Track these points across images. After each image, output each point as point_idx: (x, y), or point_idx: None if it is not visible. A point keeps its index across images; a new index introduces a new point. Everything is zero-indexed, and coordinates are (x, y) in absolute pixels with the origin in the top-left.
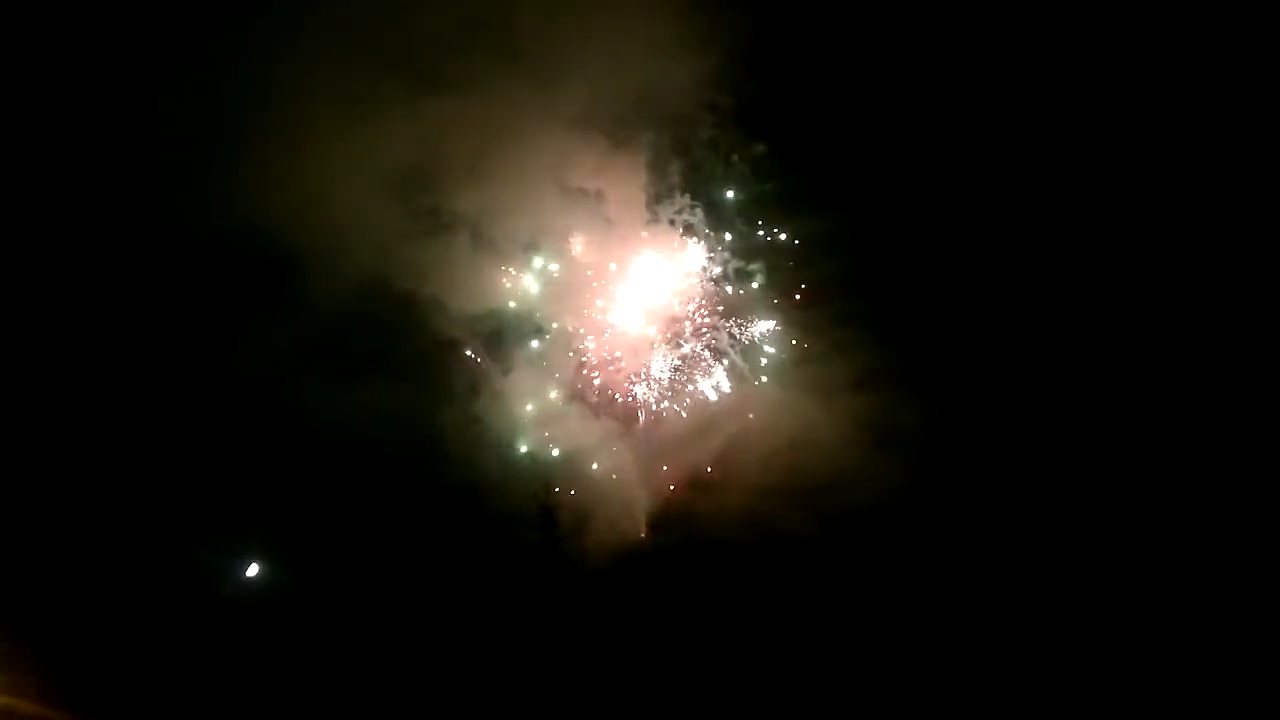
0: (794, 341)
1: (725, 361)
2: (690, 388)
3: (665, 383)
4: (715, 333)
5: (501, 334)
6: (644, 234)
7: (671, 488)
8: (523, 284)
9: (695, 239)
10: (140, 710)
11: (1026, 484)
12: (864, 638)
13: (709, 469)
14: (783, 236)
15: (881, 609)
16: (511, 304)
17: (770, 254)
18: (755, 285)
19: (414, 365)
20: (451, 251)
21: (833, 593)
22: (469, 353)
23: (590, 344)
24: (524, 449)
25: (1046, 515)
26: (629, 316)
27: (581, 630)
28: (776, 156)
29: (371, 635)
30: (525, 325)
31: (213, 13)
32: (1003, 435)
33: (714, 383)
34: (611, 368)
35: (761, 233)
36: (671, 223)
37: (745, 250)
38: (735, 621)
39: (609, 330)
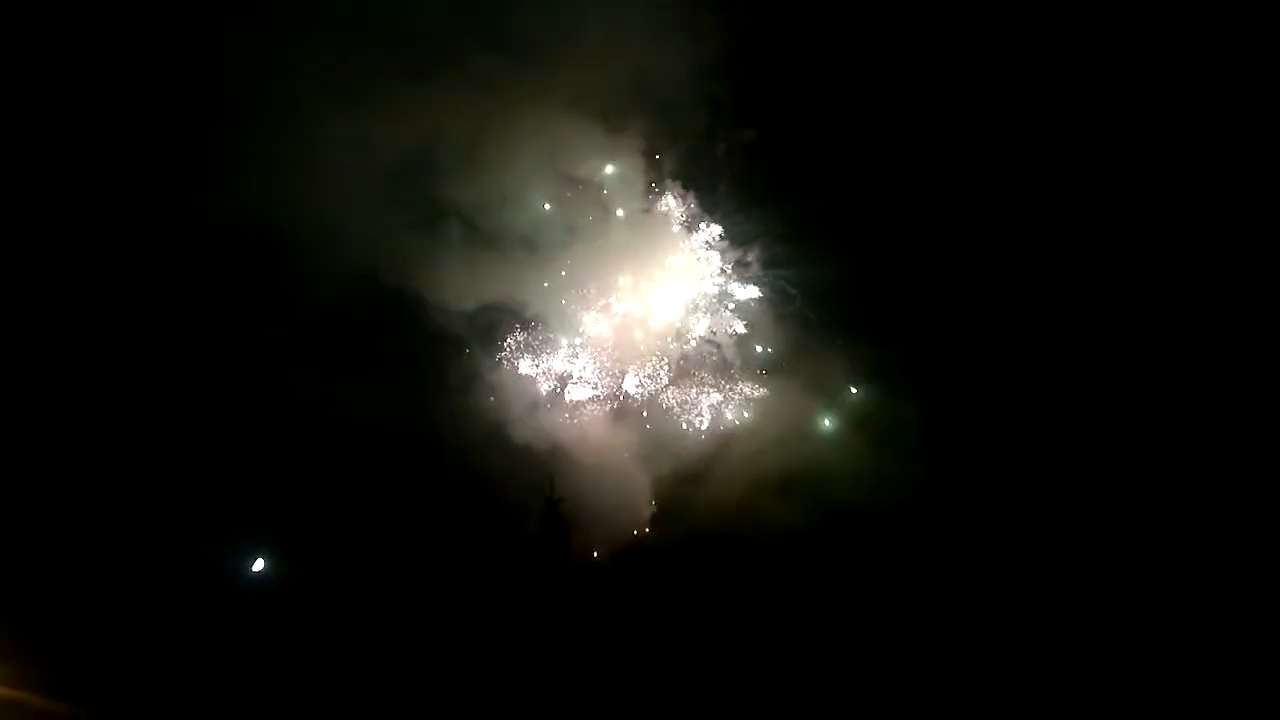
0: (793, 334)
1: (724, 353)
2: (689, 380)
3: (664, 374)
4: (714, 324)
5: (498, 326)
6: (640, 224)
7: (671, 481)
8: (519, 275)
9: (692, 228)
10: (146, 703)
11: (1021, 480)
12: (862, 632)
13: (709, 462)
14: (781, 229)
15: (879, 604)
16: (508, 296)
17: (769, 246)
18: (754, 277)
19: (411, 359)
20: (447, 243)
21: (831, 587)
22: (466, 346)
23: (588, 335)
24: (524, 442)
25: (1041, 511)
26: (627, 307)
27: (585, 622)
28: (774, 147)
29: (376, 629)
30: (522, 317)
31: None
32: (999, 432)
33: (713, 375)
34: (610, 359)
35: (760, 224)
36: (668, 212)
37: (743, 240)
38: (735, 615)
39: (607, 321)
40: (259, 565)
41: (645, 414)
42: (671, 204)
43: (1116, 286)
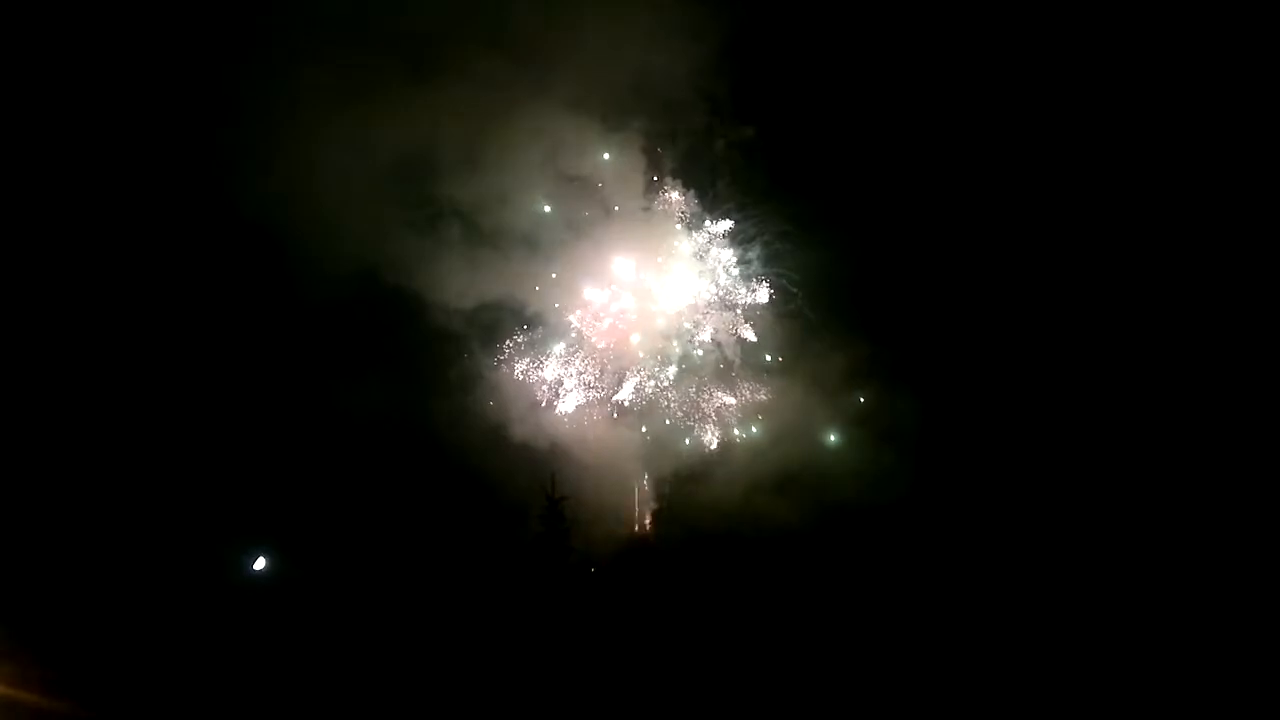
0: (793, 333)
1: (724, 352)
2: (690, 379)
3: (665, 373)
4: (714, 323)
5: (498, 325)
6: (640, 222)
7: (671, 480)
8: (519, 274)
9: (692, 227)
10: (147, 702)
11: (1019, 479)
12: (860, 630)
13: (709, 461)
14: (781, 227)
15: (878, 602)
16: (508, 294)
17: (769, 244)
18: (754, 275)
19: (411, 358)
20: (447, 242)
21: (828, 585)
22: (466, 345)
23: (588, 334)
24: (524, 441)
25: (1036, 510)
26: (626, 306)
27: (586, 621)
28: (774, 144)
29: (377, 628)
30: (522, 316)
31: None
32: (997, 430)
33: (713, 374)
34: (610, 358)
35: (760, 221)
36: (668, 210)
37: (744, 239)
38: (734, 614)
39: (607, 320)
40: (260, 564)
41: (646, 413)
42: (672, 202)
43: (1116, 285)
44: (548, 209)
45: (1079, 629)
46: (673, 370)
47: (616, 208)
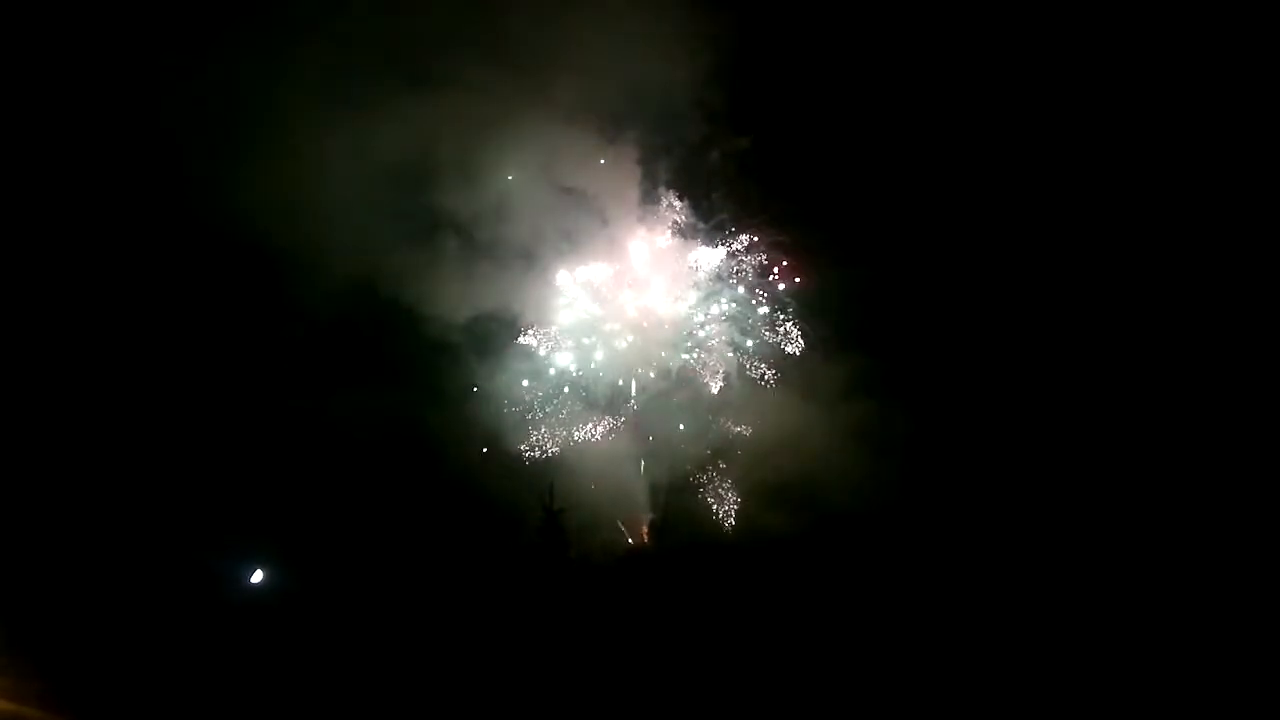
0: (788, 343)
1: (719, 362)
2: (686, 389)
3: (662, 383)
4: (710, 333)
5: (495, 336)
6: (637, 232)
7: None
8: (515, 285)
9: (688, 236)
10: (145, 716)
11: (1008, 488)
12: (854, 637)
13: (705, 469)
14: (776, 237)
15: (871, 610)
16: (504, 305)
17: (764, 254)
18: (749, 285)
19: (409, 369)
20: (443, 254)
21: (823, 593)
22: (463, 356)
23: (584, 344)
24: (522, 452)
25: (1026, 519)
26: (623, 316)
27: (584, 631)
28: (770, 155)
29: (375, 640)
30: (518, 327)
31: (203, 12)
32: (988, 440)
33: (709, 383)
34: (607, 368)
35: (755, 230)
36: (664, 221)
37: (739, 248)
38: (731, 622)
39: (604, 330)
40: (257, 576)
41: (643, 423)
42: (667, 212)
43: (1106, 297)
44: (543, 218)
45: (1068, 634)
46: (669, 381)
47: (613, 218)
